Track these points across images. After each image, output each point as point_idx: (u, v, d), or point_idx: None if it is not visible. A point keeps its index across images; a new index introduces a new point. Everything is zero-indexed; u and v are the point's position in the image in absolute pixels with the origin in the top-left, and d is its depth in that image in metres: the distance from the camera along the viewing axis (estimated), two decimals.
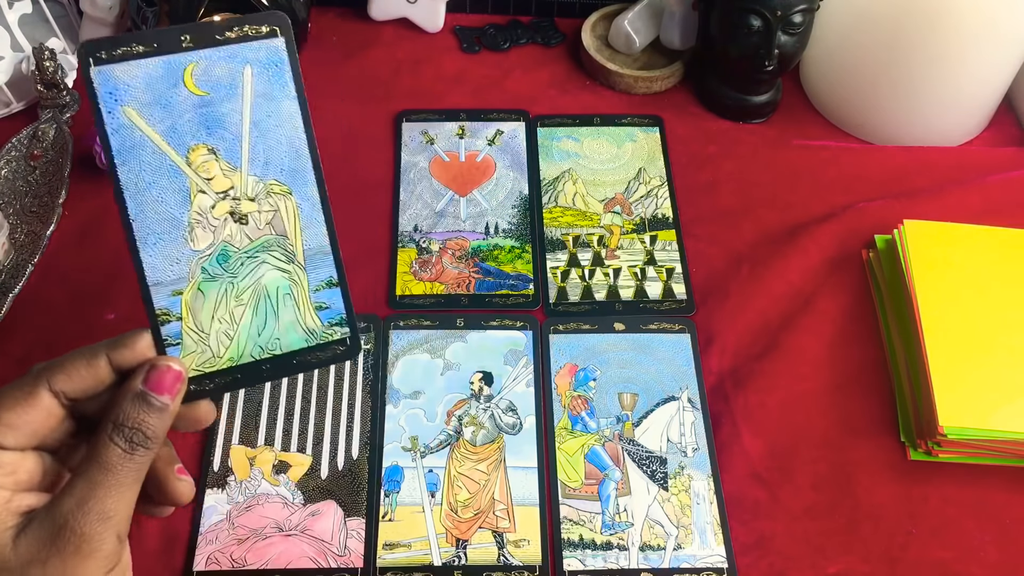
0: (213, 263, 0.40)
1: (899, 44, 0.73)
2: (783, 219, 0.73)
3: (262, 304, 0.41)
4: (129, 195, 0.38)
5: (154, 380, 0.38)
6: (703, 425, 0.62)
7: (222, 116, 0.39)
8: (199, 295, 0.40)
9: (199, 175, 0.39)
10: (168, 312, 0.40)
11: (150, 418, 0.37)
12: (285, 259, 0.41)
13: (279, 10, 0.77)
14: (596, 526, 0.57)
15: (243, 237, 0.40)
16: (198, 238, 0.40)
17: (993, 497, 0.59)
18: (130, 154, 0.38)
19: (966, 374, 0.59)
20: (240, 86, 0.39)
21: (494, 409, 0.62)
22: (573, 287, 0.69)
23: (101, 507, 0.36)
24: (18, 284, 0.66)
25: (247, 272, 0.41)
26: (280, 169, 0.40)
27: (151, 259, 0.39)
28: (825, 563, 0.56)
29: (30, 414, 0.37)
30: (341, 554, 0.56)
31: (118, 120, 0.37)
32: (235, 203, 0.40)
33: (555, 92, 0.84)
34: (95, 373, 0.38)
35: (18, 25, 0.78)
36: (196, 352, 0.40)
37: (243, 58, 0.38)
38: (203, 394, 0.41)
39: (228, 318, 0.41)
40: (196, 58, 0.38)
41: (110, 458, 0.37)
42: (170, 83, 0.37)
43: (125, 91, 0.37)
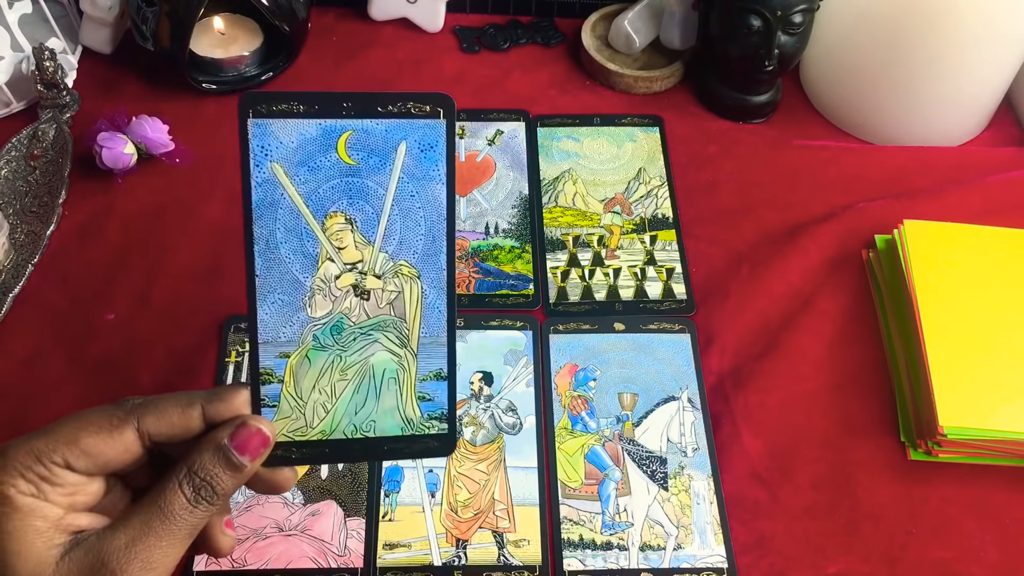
0: (326, 333, 0.40)
1: (899, 44, 0.73)
2: (783, 219, 0.73)
3: (366, 383, 0.41)
4: (259, 250, 0.37)
5: (240, 438, 0.37)
6: (703, 425, 0.62)
7: (367, 188, 0.38)
8: (305, 362, 0.40)
9: (331, 243, 0.38)
10: (272, 372, 0.39)
11: (224, 475, 0.37)
12: (398, 343, 0.41)
13: (279, 11, 0.78)
14: (596, 526, 0.57)
15: (361, 312, 0.40)
16: (317, 305, 0.39)
17: (993, 497, 0.59)
18: (268, 210, 0.37)
19: (966, 374, 0.59)
20: (391, 161, 0.38)
21: (494, 409, 0.62)
22: (573, 287, 0.69)
23: (147, 555, 0.36)
24: (18, 284, 0.66)
25: (358, 348, 0.40)
26: (413, 252, 0.40)
27: (267, 317, 0.39)
28: (825, 563, 0.56)
29: (109, 446, 0.37)
30: (341, 554, 0.56)
31: (264, 175, 0.36)
32: (361, 277, 0.39)
33: (555, 92, 0.84)
34: (186, 422, 0.38)
35: (18, 25, 0.78)
36: (290, 418, 0.40)
37: (401, 134, 0.38)
38: (287, 461, 0.40)
39: (329, 390, 0.40)
40: (353, 126, 0.37)
41: (172, 506, 0.36)
42: (323, 147, 0.37)
43: (277, 148, 0.36)
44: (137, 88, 0.81)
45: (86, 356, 0.64)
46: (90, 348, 0.64)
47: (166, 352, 0.64)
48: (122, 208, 0.72)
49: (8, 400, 0.61)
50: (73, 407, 0.60)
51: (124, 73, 0.83)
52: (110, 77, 0.82)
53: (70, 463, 0.36)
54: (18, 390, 0.62)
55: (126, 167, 0.72)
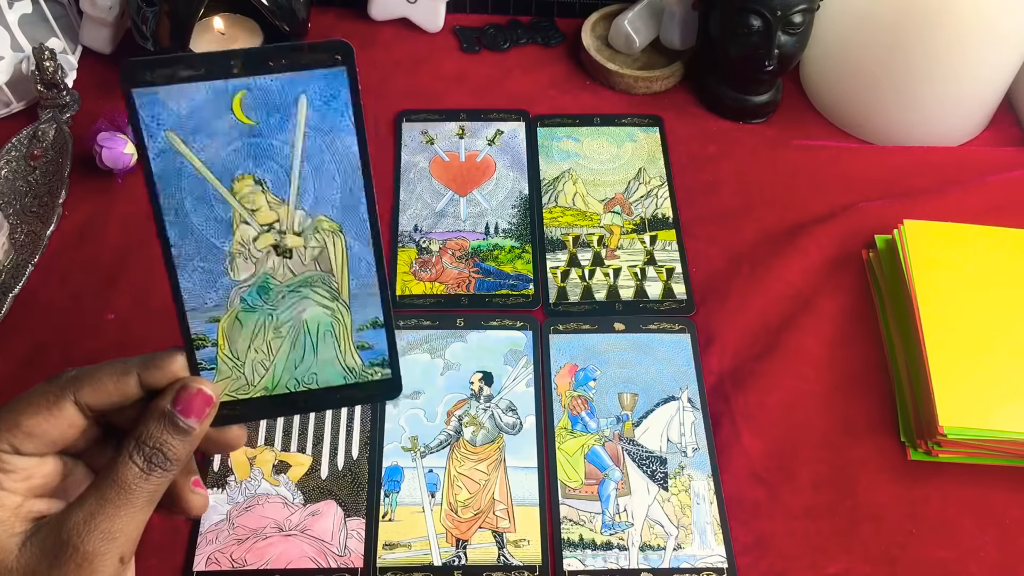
0: (253, 294, 0.40)
1: (899, 44, 0.73)
2: (783, 219, 0.73)
3: (301, 338, 0.41)
4: (169, 221, 0.37)
5: (183, 402, 0.37)
6: (703, 425, 0.62)
7: (271, 147, 0.37)
8: (236, 324, 0.40)
9: (243, 206, 0.38)
10: (204, 337, 0.39)
11: (174, 439, 0.37)
12: (329, 296, 0.40)
13: (279, 11, 0.78)
14: (596, 526, 0.57)
15: (286, 271, 0.40)
16: (239, 268, 0.39)
17: (993, 497, 0.59)
18: (172, 180, 0.36)
19: (966, 374, 0.59)
20: (293, 117, 0.37)
21: (494, 409, 0.62)
22: (573, 287, 0.69)
23: (107, 526, 0.35)
24: (18, 284, 0.66)
25: (288, 306, 0.40)
26: (331, 206, 0.39)
27: (189, 285, 0.38)
28: (825, 563, 0.56)
29: (51, 423, 0.37)
30: (341, 554, 0.56)
31: (160, 144, 0.36)
32: (280, 237, 0.39)
33: (555, 92, 0.84)
34: (123, 389, 0.38)
35: (18, 25, 0.78)
36: (230, 378, 0.40)
37: (298, 87, 0.37)
38: (234, 419, 0.40)
39: (265, 348, 0.40)
40: (246, 85, 0.36)
41: (126, 476, 0.36)
42: (217, 110, 0.36)
43: (169, 116, 0.35)
44: None
45: (86, 356, 0.64)
46: (90, 348, 0.64)
47: None
48: (122, 208, 0.72)
49: (8, 400, 0.61)
50: None
51: None
52: (110, 77, 0.82)
53: (16, 447, 0.36)
54: (18, 390, 0.61)
55: (126, 167, 0.72)
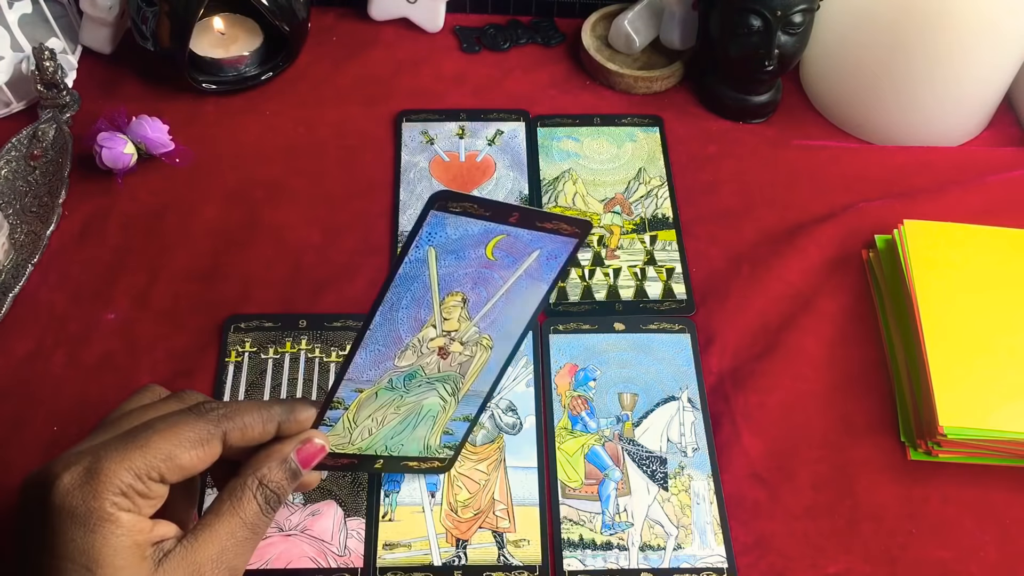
0: (400, 379, 0.44)
1: (899, 44, 0.73)
2: (783, 219, 0.73)
3: (410, 418, 0.46)
4: (382, 310, 0.40)
5: (304, 453, 0.41)
6: (703, 425, 0.62)
7: (491, 279, 0.41)
8: (373, 397, 0.43)
9: (441, 315, 0.42)
10: (341, 401, 0.42)
11: (287, 484, 0.40)
12: (450, 392, 0.46)
13: (279, 11, 0.78)
14: (596, 526, 0.57)
15: (435, 367, 0.44)
16: (405, 358, 0.43)
17: (993, 497, 0.59)
18: (407, 282, 0.39)
19: (966, 374, 0.59)
20: (520, 263, 0.41)
21: (494, 409, 0.62)
22: (573, 287, 0.69)
23: (232, 563, 0.38)
24: (18, 284, 0.66)
25: (417, 392, 0.45)
26: (498, 329, 0.44)
27: (361, 361, 0.42)
28: (825, 563, 0.56)
29: (202, 460, 0.38)
30: (341, 554, 0.56)
31: (419, 255, 0.39)
32: (449, 342, 0.43)
33: (555, 92, 0.84)
34: (264, 437, 0.40)
35: (18, 25, 0.78)
36: (338, 436, 0.44)
37: (540, 243, 0.41)
38: (321, 467, 0.43)
39: (380, 419, 0.45)
40: (508, 231, 0.39)
41: (250, 515, 0.39)
42: (476, 243, 0.39)
43: (441, 236, 0.38)
44: (137, 88, 0.81)
45: (86, 356, 0.64)
46: (90, 348, 0.64)
47: (166, 352, 0.64)
48: (122, 208, 0.72)
49: (8, 400, 0.61)
50: (73, 407, 0.61)
51: (124, 73, 0.83)
52: (110, 77, 0.82)
53: (165, 478, 0.38)
54: (18, 390, 0.62)
55: (126, 167, 0.72)
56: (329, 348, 0.64)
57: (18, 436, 0.59)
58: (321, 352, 0.64)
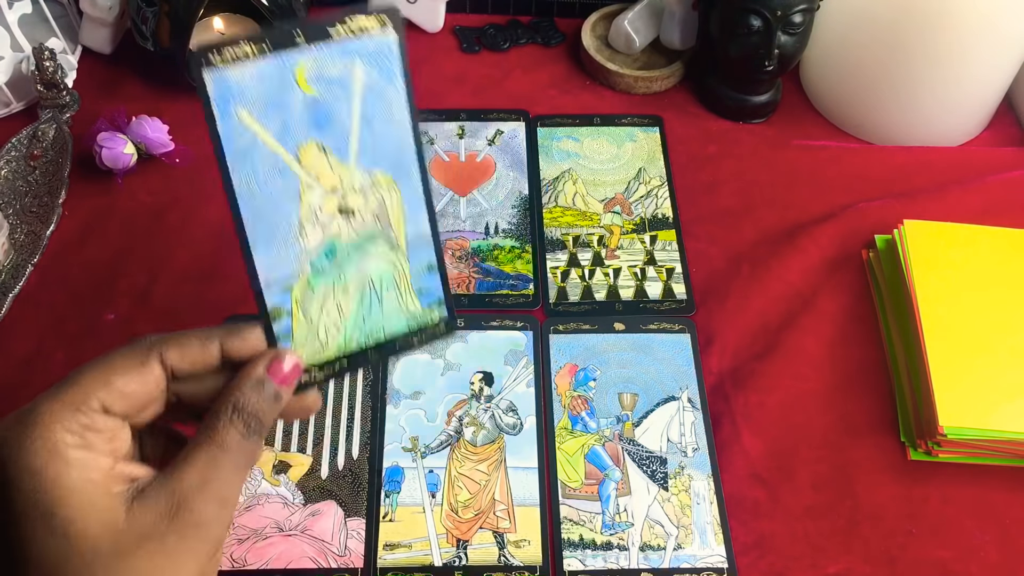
0: (321, 259, 0.40)
1: (899, 44, 0.73)
2: (783, 219, 0.73)
3: (367, 294, 0.42)
4: (242, 199, 0.37)
5: (275, 370, 0.39)
6: (703, 425, 0.62)
7: (332, 113, 0.38)
8: (308, 290, 0.40)
9: (309, 173, 0.39)
10: (280, 308, 0.40)
11: (266, 406, 0.38)
12: (389, 248, 0.41)
13: (279, 11, 0.78)
14: (596, 526, 0.57)
15: (350, 231, 0.40)
16: (308, 236, 0.40)
17: (993, 497, 0.59)
18: (244, 157, 0.37)
19: (966, 374, 0.59)
20: (351, 83, 0.38)
21: (494, 409, 0.62)
22: (573, 287, 0.69)
23: (221, 491, 0.36)
24: (18, 284, 0.66)
25: (353, 264, 0.41)
26: (386, 161, 0.40)
27: (264, 259, 0.39)
28: (825, 563, 0.56)
29: (140, 383, 0.37)
30: (341, 554, 0.56)
31: (232, 123, 0.36)
32: (342, 198, 0.40)
33: (555, 92, 0.84)
34: (205, 356, 0.39)
35: (18, 25, 0.78)
36: (305, 345, 0.41)
37: (354, 54, 0.38)
38: (310, 384, 0.41)
39: (335, 310, 0.41)
40: (306, 57, 0.37)
41: (230, 441, 0.37)
42: (282, 83, 0.37)
43: (239, 94, 0.36)
44: (137, 88, 0.81)
45: (86, 356, 0.63)
46: (90, 348, 0.64)
47: None
48: (122, 208, 0.72)
49: (8, 400, 0.61)
50: None
51: (124, 73, 0.83)
52: (110, 77, 0.82)
53: (107, 406, 0.36)
54: (18, 390, 0.62)
55: (126, 167, 0.72)
56: None
57: None
58: None
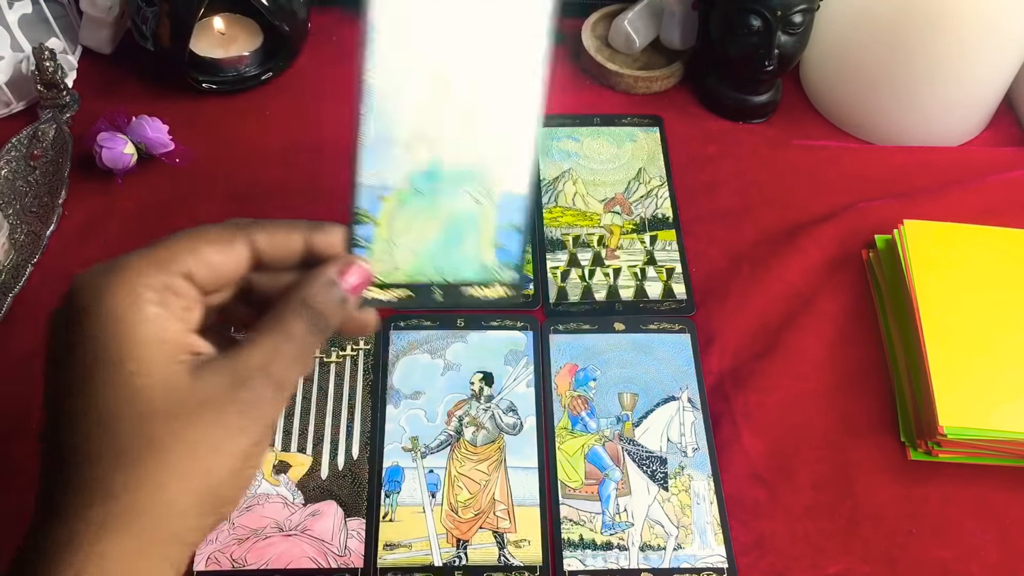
0: (422, 178, 0.40)
1: (899, 44, 0.73)
2: (783, 219, 0.73)
3: (451, 229, 0.42)
4: (375, 92, 0.39)
5: (348, 275, 0.39)
6: (703, 425, 0.62)
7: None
8: (400, 206, 0.40)
9: (439, 83, 0.40)
10: (368, 214, 0.40)
11: (334, 308, 0.38)
12: (483, 193, 0.41)
13: (279, 11, 0.78)
14: (596, 526, 0.57)
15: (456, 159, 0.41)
16: (416, 149, 0.40)
17: (993, 497, 0.59)
18: (387, 51, 0.39)
19: (966, 374, 0.59)
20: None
21: (494, 409, 0.62)
22: (573, 287, 0.69)
23: (282, 375, 0.36)
24: (18, 284, 0.66)
25: (448, 195, 0.41)
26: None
27: (369, 158, 0.40)
28: (825, 563, 0.56)
29: (227, 256, 0.37)
30: (341, 554, 0.56)
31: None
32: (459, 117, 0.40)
33: (555, 92, 0.83)
34: (289, 244, 0.39)
35: (18, 25, 0.78)
36: (380, 260, 0.41)
37: None
38: (375, 302, 0.41)
39: (418, 234, 0.41)
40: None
41: (296, 331, 0.37)
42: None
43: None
44: (137, 88, 0.81)
45: None
46: None
47: None
48: (122, 208, 0.72)
49: (8, 400, 0.61)
50: None
51: (124, 73, 0.83)
52: (110, 77, 0.82)
53: (192, 273, 0.36)
54: (18, 390, 0.62)
55: (126, 167, 0.72)
56: (329, 348, 0.64)
57: (18, 436, 0.59)
58: (321, 352, 0.64)
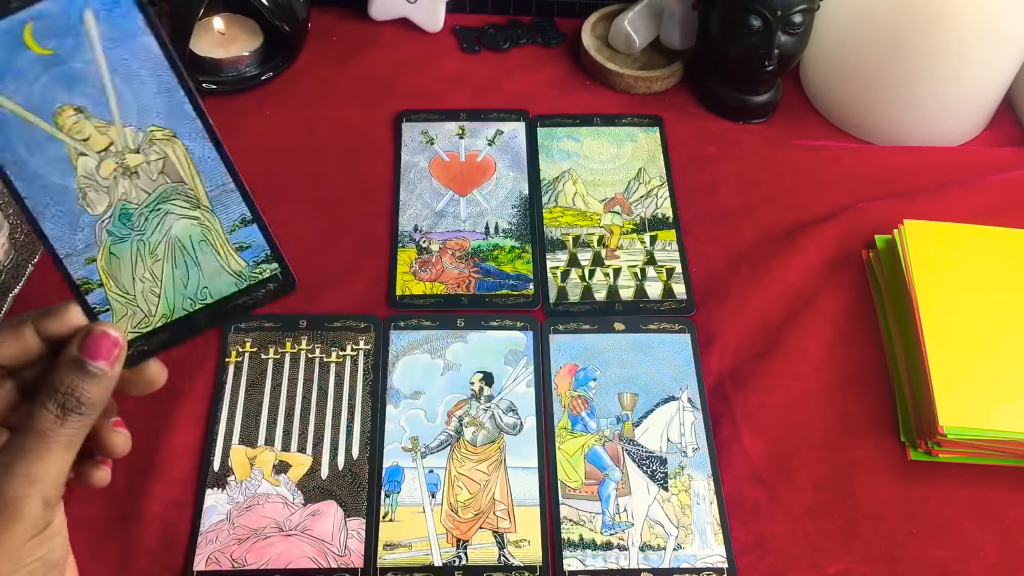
0: (117, 224, 0.39)
1: (899, 44, 0.73)
2: (783, 219, 0.73)
3: (179, 256, 0.40)
4: (12, 173, 0.36)
5: (90, 345, 0.38)
6: (703, 425, 0.62)
7: (77, 71, 0.36)
8: (113, 258, 0.39)
9: (73, 138, 0.37)
10: (88, 280, 0.39)
11: (86, 384, 0.37)
12: (190, 206, 0.40)
13: (279, 11, 0.78)
14: (596, 526, 0.57)
15: (139, 192, 0.39)
16: (93, 202, 0.38)
17: (993, 497, 0.59)
18: (0, 132, 0.36)
19: (966, 374, 0.59)
20: (85, 34, 0.36)
21: (494, 409, 0.62)
22: (573, 287, 0.69)
23: (27, 471, 0.36)
24: (18, 284, 0.66)
25: (154, 227, 0.40)
26: (156, 113, 0.38)
27: (53, 231, 0.38)
28: (825, 563, 0.56)
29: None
30: (341, 554, 0.56)
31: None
32: (119, 159, 0.38)
33: (555, 92, 0.84)
34: (21, 343, 0.38)
35: None
36: (127, 315, 0.40)
37: (78, 4, 0.35)
38: (145, 355, 0.41)
39: (149, 276, 0.40)
40: (28, 15, 0.35)
41: (41, 423, 0.37)
42: (11, 48, 0.35)
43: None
44: None
45: None
46: None
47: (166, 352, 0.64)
48: None
49: None
50: None
51: None
52: None
53: None
54: None
55: None
56: (329, 348, 0.64)
57: None
58: (321, 352, 0.64)
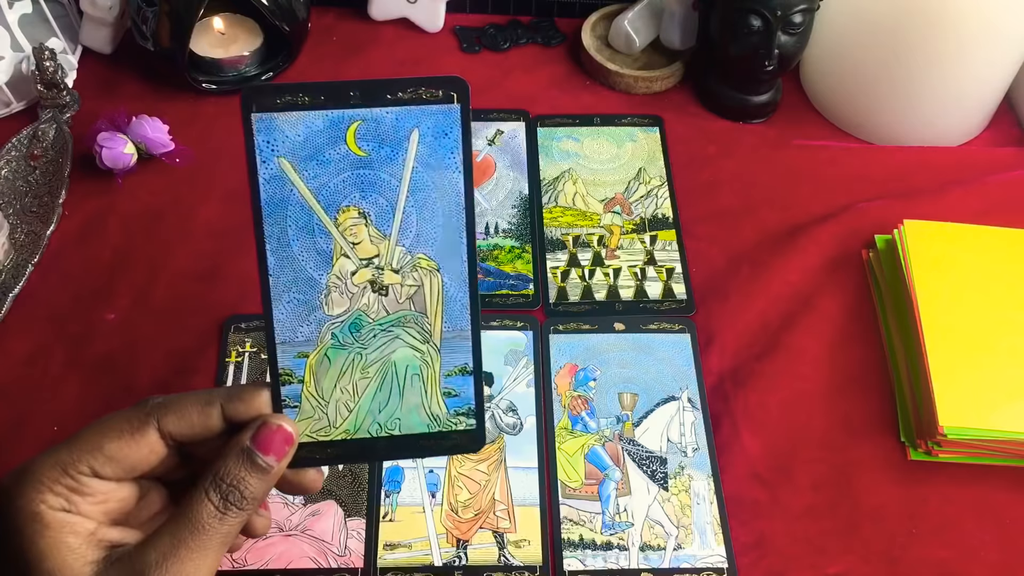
0: (344, 331, 0.39)
1: (899, 44, 0.73)
2: (783, 219, 0.73)
3: (388, 380, 0.40)
4: (271, 248, 0.36)
5: (263, 438, 0.37)
6: (703, 425, 0.62)
7: (379, 180, 0.37)
8: (325, 361, 0.39)
9: (345, 238, 0.37)
10: (291, 373, 0.38)
11: (251, 477, 0.36)
12: (420, 338, 0.39)
13: (279, 11, 0.78)
14: (596, 526, 0.57)
15: (380, 308, 0.39)
16: (333, 303, 0.38)
17: (993, 497, 0.59)
18: (278, 207, 0.36)
19: (966, 374, 0.59)
20: (404, 151, 0.37)
21: (494, 409, 0.62)
22: (573, 287, 0.69)
23: (179, 568, 0.35)
24: (18, 284, 0.66)
25: (379, 345, 0.39)
26: (432, 244, 0.38)
27: (282, 316, 0.38)
28: (825, 563, 0.56)
29: (132, 448, 0.36)
30: (341, 554, 0.56)
31: (271, 171, 0.35)
32: (378, 272, 0.38)
33: (555, 92, 0.84)
34: (206, 421, 0.37)
35: (18, 25, 0.78)
36: (312, 418, 0.39)
37: (412, 121, 0.36)
38: (312, 462, 0.39)
39: (351, 389, 0.39)
40: (362, 116, 0.36)
41: (201, 516, 0.35)
42: (331, 139, 0.35)
43: (283, 142, 0.35)
44: (137, 88, 0.81)
45: (86, 356, 0.64)
46: (90, 348, 0.64)
47: (166, 352, 0.64)
48: (122, 208, 0.72)
49: (8, 400, 0.61)
50: (73, 407, 0.61)
51: (124, 73, 0.83)
52: (110, 77, 0.82)
53: (96, 470, 0.36)
54: (18, 390, 0.62)
55: (126, 167, 0.72)
56: None
57: (18, 436, 0.59)
58: None
